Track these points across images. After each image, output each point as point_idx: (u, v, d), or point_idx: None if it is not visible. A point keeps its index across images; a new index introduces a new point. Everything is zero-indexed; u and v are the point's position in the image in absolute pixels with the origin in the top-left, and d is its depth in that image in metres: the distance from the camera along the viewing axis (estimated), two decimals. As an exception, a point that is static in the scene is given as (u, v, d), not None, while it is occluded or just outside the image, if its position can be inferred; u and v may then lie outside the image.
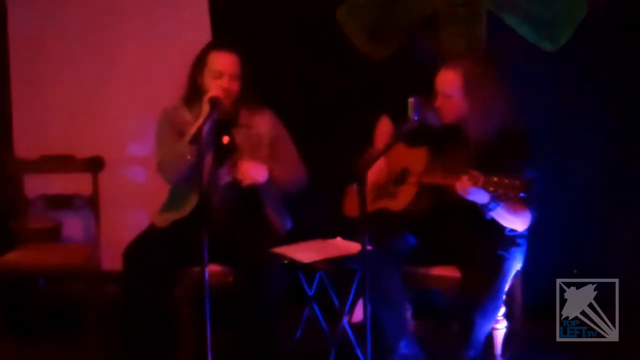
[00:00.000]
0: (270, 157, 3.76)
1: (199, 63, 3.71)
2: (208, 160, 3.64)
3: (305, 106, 4.31)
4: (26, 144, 4.65)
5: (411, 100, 3.42)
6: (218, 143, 3.71)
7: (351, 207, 3.77)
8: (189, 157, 3.50)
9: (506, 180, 3.14)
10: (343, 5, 4.27)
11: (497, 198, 3.27)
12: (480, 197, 3.30)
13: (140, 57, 4.62)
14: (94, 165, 4.36)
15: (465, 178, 3.26)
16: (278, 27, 4.41)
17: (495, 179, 3.17)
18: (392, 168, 3.75)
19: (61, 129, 4.64)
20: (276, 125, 3.83)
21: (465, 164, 3.41)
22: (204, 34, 4.48)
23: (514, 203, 3.34)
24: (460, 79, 3.50)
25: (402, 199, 3.64)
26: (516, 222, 3.43)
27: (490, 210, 3.33)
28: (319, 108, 4.36)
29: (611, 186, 4.13)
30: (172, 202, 3.76)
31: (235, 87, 3.67)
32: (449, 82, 3.52)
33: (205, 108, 3.52)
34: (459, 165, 3.45)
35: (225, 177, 3.69)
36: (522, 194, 3.13)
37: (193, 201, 3.62)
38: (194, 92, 3.69)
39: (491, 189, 3.19)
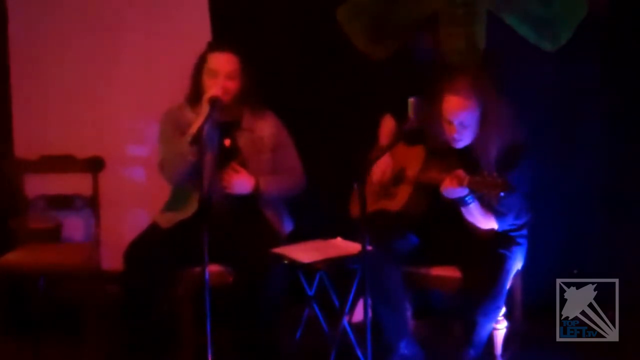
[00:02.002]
0: (271, 161, 3.76)
1: (200, 64, 3.72)
2: (209, 160, 3.64)
3: (305, 106, 4.30)
4: (26, 144, 4.64)
5: (411, 100, 3.42)
6: (221, 145, 3.72)
7: (357, 207, 3.78)
8: (189, 158, 3.50)
9: (488, 178, 3.16)
10: (343, 5, 4.27)
11: (478, 196, 3.28)
12: (458, 192, 3.31)
13: (140, 57, 4.62)
14: (94, 165, 4.36)
15: (448, 179, 3.27)
16: (278, 27, 4.40)
17: (478, 178, 3.19)
18: (392, 168, 3.75)
19: (61, 129, 4.64)
20: (279, 130, 3.83)
21: (460, 164, 3.42)
22: (204, 35, 4.48)
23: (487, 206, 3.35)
24: (476, 107, 3.43)
25: (399, 199, 3.64)
26: (482, 223, 3.43)
27: (467, 203, 3.33)
28: (319, 108, 4.35)
29: (611, 186, 4.14)
30: (175, 201, 3.76)
31: (232, 86, 3.66)
32: (465, 111, 3.42)
33: (205, 108, 3.52)
34: (454, 164, 3.45)
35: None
36: (501, 193, 3.13)
37: (196, 201, 3.61)
38: (196, 93, 3.69)
39: (475, 187, 3.21)
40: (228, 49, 3.70)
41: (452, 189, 3.29)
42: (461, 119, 3.44)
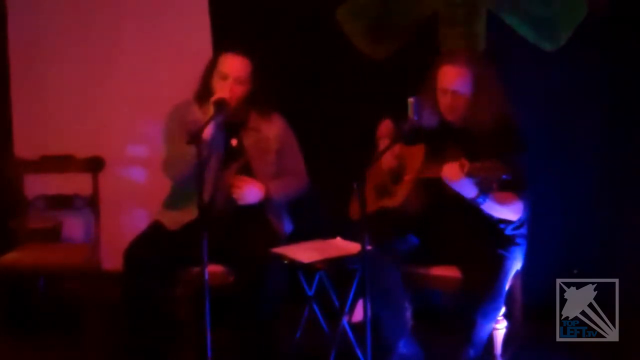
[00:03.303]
0: (276, 162, 3.76)
1: (211, 63, 3.71)
2: (212, 161, 3.64)
3: (304, 106, 4.30)
4: (26, 144, 4.64)
5: (411, 100, 3.42)
6: (227, 145, 3.72)
7: (357, 209, 3.78)
8: (191, 158, 3.50)
9: (488, 164, 3.18)
10: (343, 5, 4.27)
11: (482, 185, 3.29)
12: (468, 190, 3.32)
13: (140, 57, 4.62)
14: (94, 165, 4.37)
15: (451, 167, 3.28)
16: (278, 27, 4.41)
17: (478, 165, 3.20)
18: (392, 167, 3.75)
19: (61, 129, 4.64)
20: (286, 132, 3.83)
21: (459, 151, 3.43)
22: (204, 35, 4.49)
23: (504, 195, 3.35)
24: (470, 76, 3.50)
25: (399, 196, 3.65)
26: (507, 212, 3.44)
27: (480, 203, 3.34)
28: (319, 108, 4.36)
29: (611, 186, 4.14)
30: (177, 199, 3.73)
31: (239, 90, 3.65)
32: (459, 79, 3.50)
33: (211, 109, 3.52)
34: (453, 154, 3.46)
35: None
36: (504, 176, 3.15)
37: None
38: (204, 92, 3.69)
39: (475, 173, 3.23)
40: (241, 52, 3.67)
41: (455, 179, 3.29)
42: (456, 86, 3.50)
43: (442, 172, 3.34)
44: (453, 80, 3.52)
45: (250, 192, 3.65)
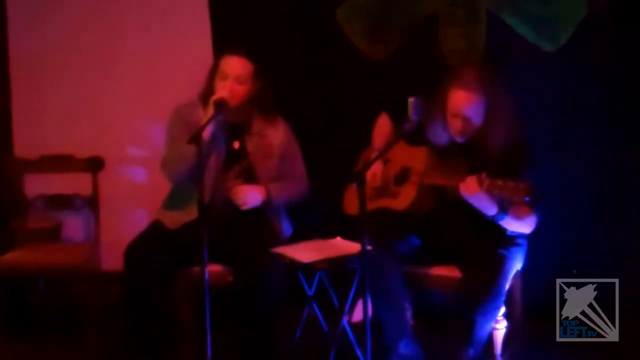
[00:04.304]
0: (278, 168, 3.76)
1: (214, 65, 3.73)
2: (212, 161, 3.64)
3: (304, 106, 4.30)
4: (26, 144, 4.64)
5: (411, 100, 3.41)
6: (229, 147, 3.71)
7: (350, 204, 3.78)
8: (191, 158, 3.50)
9: (511, 184, 3.15)
10: (343, 5, 4.27)
11: (502, 204, 3.28)
12: (487, 208, 3.32)
13: (140, 57, 4.62)
14: (94, 165, 4.37)
15: (469, 180, 3.27)
16: (278, 27, 4.40)
17: (500, 183, 3.18)
18: (392, 167, 3.75)
19: (61, 129, 4.64)
20: (289, 138, 3.83)
21: (464, 163, 3.42)
22: (204, 35, 4.49)
23: (520, 210, 3.35)
24: (483, 102, 3.45)
25: (405, 199, 3.64)
26: (523, 227, 3.45)
27: (498, 221, 3.35)
28: (319, 108, 4.36)
29: (611, 186, 4.13)
30: (178, 199, 3.74)
31: (240, 90, 3.66)
32: (471, 105, 3.44)
33: (210, 109, 3.52)
34: (458, 164, 3.45)
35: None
36: (527, 198, 3.13)
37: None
38: (208, 93, 3.69)
39: (496, 192, 3.20)
40: (241, 53, 3.69)
41: (472, 193, 3.28)
42: (468, 113, 3.45)
43: (460, 186, 3.32)
44: (464, 106, 3.45)
45: (251, 196, 3.66)
